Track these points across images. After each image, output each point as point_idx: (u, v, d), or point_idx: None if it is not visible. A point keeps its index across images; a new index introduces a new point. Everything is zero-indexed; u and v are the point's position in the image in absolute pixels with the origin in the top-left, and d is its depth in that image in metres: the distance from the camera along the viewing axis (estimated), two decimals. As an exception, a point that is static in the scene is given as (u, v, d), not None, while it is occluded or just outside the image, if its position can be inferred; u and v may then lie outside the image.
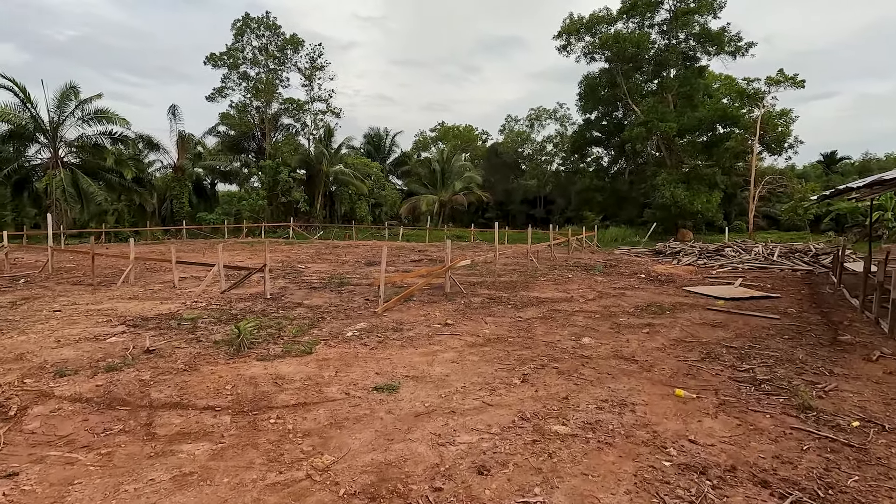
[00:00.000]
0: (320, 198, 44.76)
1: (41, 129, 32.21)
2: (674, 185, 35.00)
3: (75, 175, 31.80)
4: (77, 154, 34.67)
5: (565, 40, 39.97)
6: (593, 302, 10.50)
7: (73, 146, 34.06)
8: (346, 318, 8.73)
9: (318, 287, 12.42)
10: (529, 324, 8.33)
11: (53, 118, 32.22)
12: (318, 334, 7.49)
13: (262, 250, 24.25)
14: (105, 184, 34.47)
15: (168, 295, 11.35)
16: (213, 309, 9.63)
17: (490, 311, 9.49)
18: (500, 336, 7.47)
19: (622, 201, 45.30)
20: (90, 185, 31.68)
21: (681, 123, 34.80)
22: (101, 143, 34.08)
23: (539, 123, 64.18)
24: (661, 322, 8.55)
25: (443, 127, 71.23)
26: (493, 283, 13.04)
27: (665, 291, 12.08)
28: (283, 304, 10.09)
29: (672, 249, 20.99)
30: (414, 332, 7.62)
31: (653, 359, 6.32)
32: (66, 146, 33.63)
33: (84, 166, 33.49)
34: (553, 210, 57.61)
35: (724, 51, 36.52)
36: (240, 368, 5.76)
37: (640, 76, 40.35)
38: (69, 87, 32.65)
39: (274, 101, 45.42)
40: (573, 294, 11.45)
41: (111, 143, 34.58)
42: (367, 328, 7.92)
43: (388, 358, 6.26)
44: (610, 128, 44.94)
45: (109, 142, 34.47)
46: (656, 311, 9.56)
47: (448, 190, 49.34)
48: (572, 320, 8.63)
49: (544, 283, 13.15)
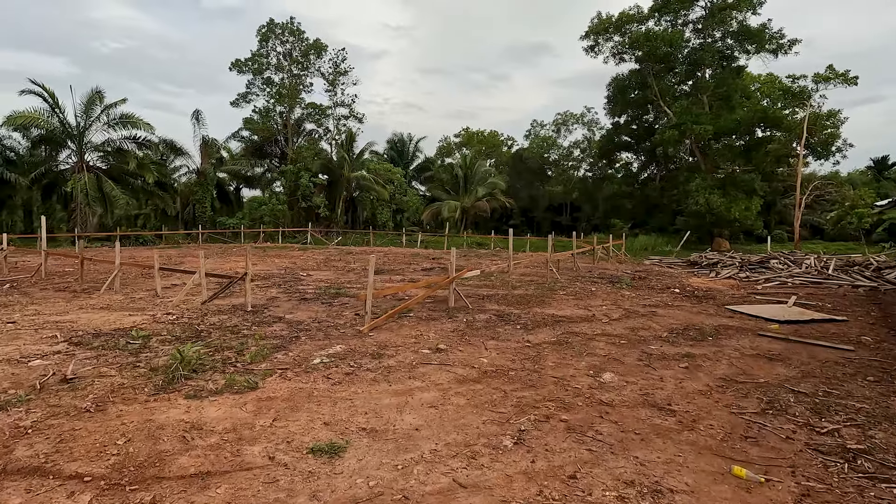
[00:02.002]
0: (341, 203, 44.08)
1: (68, 134, 32.45)
2: (709, 192, 32.79)
3: (100, 179, 31.85)
4: (102, 158, 34.90)
5: (593, 40, 38.31)
6: (618, 323, 8.94)
7: (99, 150, 34.27)
8: (324, 339, 7.45)
9: (309, 298, 11.22)
10: (539, 351, 6.86)
11: (80, 123, 32.41)
12: (280, 360, 6.22)
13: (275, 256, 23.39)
14: (129, 188, 34.55)
15: (144, 305, 10.33)
16: (181, 323, 8.50)
17: (495, 332, 8.06)
18: (499, 368, 6.04)
19: (652, 208, 43.11)
20: (113, 188, 31.64)
21: (717, 126, 32.63)
22: (125, 148, 34.14)
23: (566, 128, 62.40)
24: (702, 352, 6.96)
25: (467, 132, 70.06)
26: (505, 297, 11.59)
27: (704, 310, 10.40)
28: (262, 319, 8.90)
29: (709, 260, 19.07)
30: (395, 360, 6.26)
31: (696, 408, 4.80)
32: (91, 150, 33.82)
33: (108, 170, 33.60)
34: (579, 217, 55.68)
35: (764, 48, 34.21)
36: (156, 410, 4.52)
37: (673, 77, 38.30)
38: (95, 93, 32.79)
39: (297, 106, 45.15)
40: (595, 312, 9.90)
41: (136, 147, 34.66)
42: (341, 353, 6.61)
43: (351, 398, 4.92)
44: (640, 132, 42.91)
45: (134, 146, 34.54)
46: (696, 336, 7.95)
47: (471, 196, 48.04)
48: (592, 347, 7.13)
49: (563, 298, 11.62)
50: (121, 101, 33.17)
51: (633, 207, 43.99)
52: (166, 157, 41.22)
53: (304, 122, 46.63)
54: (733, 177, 34.01)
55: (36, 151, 35.01)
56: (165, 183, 39.23)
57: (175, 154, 41.03)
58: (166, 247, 30.10)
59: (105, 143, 33.84)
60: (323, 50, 44.53)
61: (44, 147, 34.54)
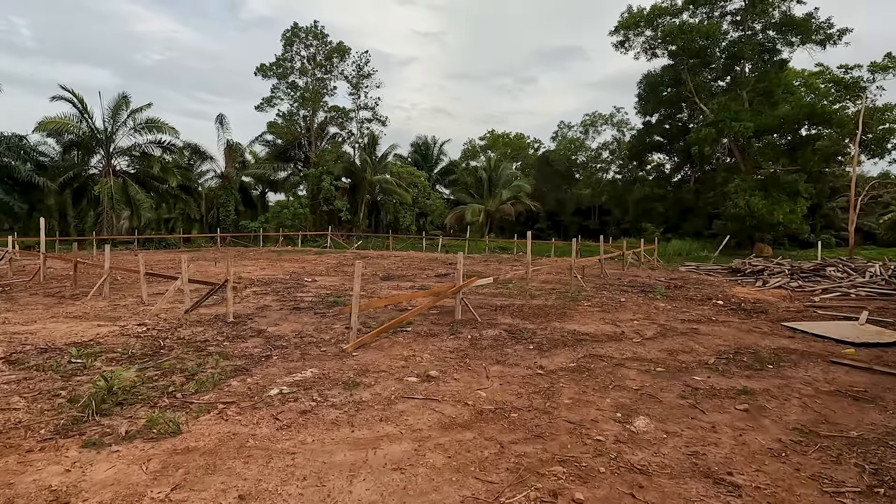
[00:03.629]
0: (364, 206, 43.39)
1: (96, 139, 32.78)
2: (749, 193, 30.52)
3: (126, 183, 32.00)
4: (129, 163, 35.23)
5: (623, 35, 36.43)
6: (653, 343, 7.49)
7: (125, 155, 34.56)
8: (299, 359, 6.30)
9: (303, 308, 10.13)
10: (553, 381, 5.53)
11: (107, 128, 32.69)
12: (231, 390, 5.08)
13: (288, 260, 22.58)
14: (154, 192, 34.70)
15: (123, 313, 9.43)
16: (148, 336, 7.51)
17: (502, 353, 6.75)
18: (500, 406, 4.74)
19: (686, 212, 40.79)
20: (138, 192, 31.73)
21: (758, 123, 30.34)
22: (150, 152, 34.30)
23: (594, 129, 60.41)
24: (763, 386, 5.48)
25: (492, 135, 68.77)
26: (521, 309, 10.24)
27: (757, 328, 8.81)
28: (239, 332, 7.83)
29: (754, 267, 17.20)
30: (371, 392, 5.04)
31: (769, 482, 3.40)
32: (118, 155, 34.12)
33: (135, 175, 33.81)
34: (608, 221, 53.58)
35: (811, 39, 31.73)
36: (30, 466, 3.41)
37: (709, 72, 36.07)
38: (121, 98, 33.01)
39: (320, 109, 44.78)
40: (624, 328, 8.45)
41: (161, 151, 34.80)
42: (309, 379, 5.43)
43: (294, 451, 3.71)
44: (673, 131, 40.72)
45: (159, 150, 34.68)
46: (751, 363, 6.45)
47: (495, 199, 46.73)
48: (620, 376, 5.74)
49: (587, 310, 10.19)
50: (146, 106, 33.33)
51: (665, 211, 41.72)
52: (193, 162, 41.45)
53: (328, 125, 46.24)
54: (776, 177, 31.60)
55: (67, 156, 35.58)
56: (189, 187, 39.32)
57: (201, 158, 41.21)
58: (187, 250, 29.73)
59: (132, 148, 34.10)
60: (346, 53, 44.03)
61: (75, 152, 35.10)
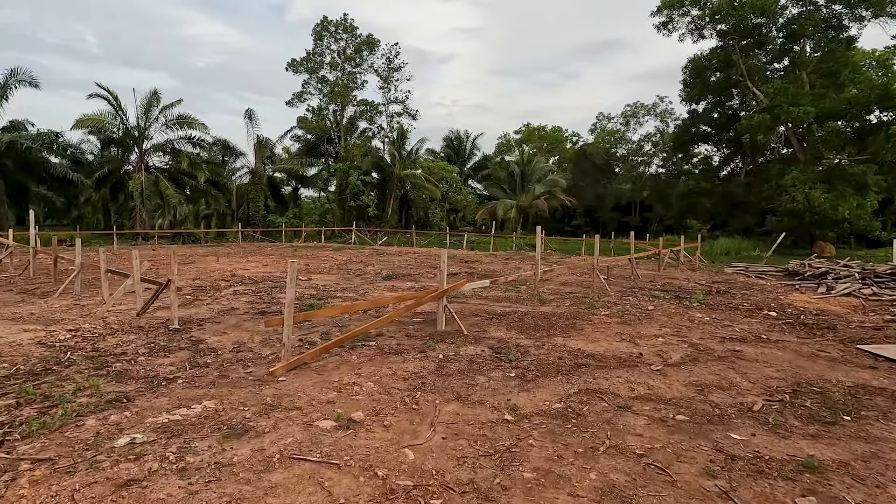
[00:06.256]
0: (392, 202, 42.36)
1: (131, 135, 33.17)
2: (809, 186, 27.39)
3: (157, 179, 32.19)
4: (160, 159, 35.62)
5: (666, 16, 33.62)
6: (678, 372, 5.70)
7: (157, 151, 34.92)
8: (207, 385, 4.97)
9: (270, 312, 8.84)
10: (521, 435, 3.91)
11: (140, 124, 32.99)
12: (72, 434, 3.76)
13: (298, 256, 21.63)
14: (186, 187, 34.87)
15: (72, 315, 8.44)
16: (64, 346, 6.39)
17: (472, 381, 5.18)
18: (425, 480, 3.19)
19: (736, 207, 37.51)
20: (168, 187, 31.82)
21: (820, 107, 27.10)
22: (180, 148, 34.46)
23: (636, 121, 57.24)
24: (837, 455, 3.69)
25: (527, 129, 66.36)
26: (523, 318, 8.58)
27: (822, 350, 6.82)
28: (170, 344, 6.59)
29: (815, 269, 14.75)
30: (255, 447, 3.60)
31: None
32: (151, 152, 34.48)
33: (167, 170, 34.05)
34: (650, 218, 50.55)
35: (885, 12, 28.12)
36: None
37: (764, 53, 32.77)
38: (152, 94, 33.20)
39: (349, 103, 44.07)
40: (644, 348, 6.68)
41: (191, 147, 34.94)
42: (190, 419, 4.06)
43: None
44: (722, 120, 37.54)
45: (189, 146, 34.82)
46: (817, 409, 4.59)
47: (528, 194, 44.67)
48: (621, 429, 4.06)
49: (603, 321, 8.42)
50: (176, 102, 33.42)
51: (712, 206, 38.60)
52: (227, 158, 41.62)
53: (357, 119, 45.52)
54: (841, 169, 28.26)
55: (106, 153, 36.32)
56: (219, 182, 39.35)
57: (232, 154, 41.30)
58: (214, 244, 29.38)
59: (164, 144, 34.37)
60: (375, 45, 43.04)
61: (112, 148, 35.78)
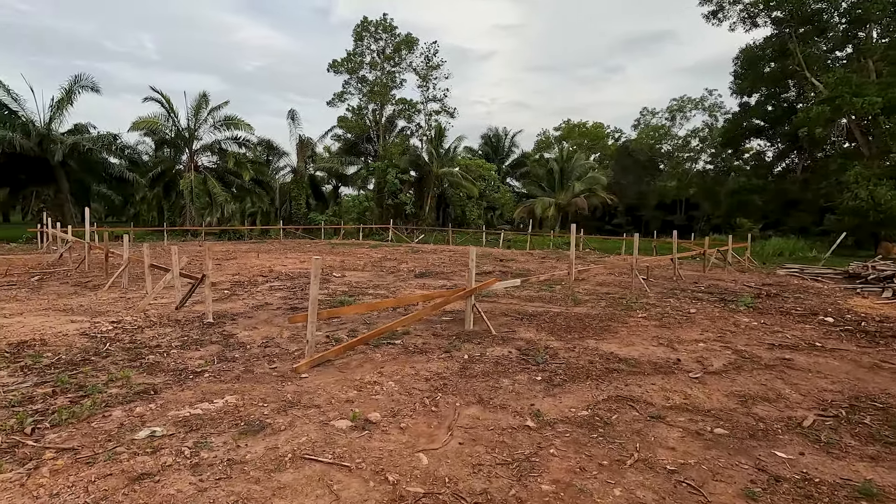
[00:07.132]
0: (430, 200, 42.49)
1: (182, 137, 34.71)
2: (874, 183, 25.51)
3: (206, 178, 33.54)
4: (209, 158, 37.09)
5: (716, 4, 32.10)
6: (719, 381, 5.33)
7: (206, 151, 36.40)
8: (232, 379, 5.03)
9: (301, 308, 8.96)
10: (542, 444, 3.72)
11: (190, 125, 34.43)
12: (98, 425, 3.85)
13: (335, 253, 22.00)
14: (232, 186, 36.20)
15: (117, 307, 8.82)
16: (105, 337, 6.65)
17: (495, 384, 5.01)
18: (437, 487, 3.07)
19: (791, 205, 35.44)
20: (215, 186, 33.12)
21: (888, 97, 25.17)
22: (227, 148, 35.77)
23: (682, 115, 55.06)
24: (896, 474, 3.31)
25: (567, 125, 65.05)
26: (555, 319, 8.32)
27: (885, 360, 6.23)
28: (202, 337, 6.76)
29: (879, 272, 13.65)
30: (270, 444, 3.58)
31: None
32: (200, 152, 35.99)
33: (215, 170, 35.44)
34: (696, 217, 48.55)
35: (963, -7, 25.81)
36: None
37: (824, 41, 30.75)
38: (201, 97, 34.52)
39: (388, 102, 44.53)
40: (683, 353, 6.30)
41: (237, 147, 36.24)
42: (211, 413, 4.10)
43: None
44: (776, 112, 35.51)
45: (235, 146, 36.13)
46: (877, 427, 4.15)
47: (567, 192, 43.78)
48: (652, 441, 3.79)
49: (640, 324, 8.04)
50: (224, 104, 34.61)
51: (764, 204, 36.60)
52: (272, 158, 42.93)
53: (396, 118, 45.91)
54: (911, 164, 26.18)
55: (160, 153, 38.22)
56: (263, 181, 40.58)
57: (276, 154, 42.54)
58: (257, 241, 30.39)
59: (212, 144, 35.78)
60: (414, 44, 43.27)
61: (165, 149, 37.62)
